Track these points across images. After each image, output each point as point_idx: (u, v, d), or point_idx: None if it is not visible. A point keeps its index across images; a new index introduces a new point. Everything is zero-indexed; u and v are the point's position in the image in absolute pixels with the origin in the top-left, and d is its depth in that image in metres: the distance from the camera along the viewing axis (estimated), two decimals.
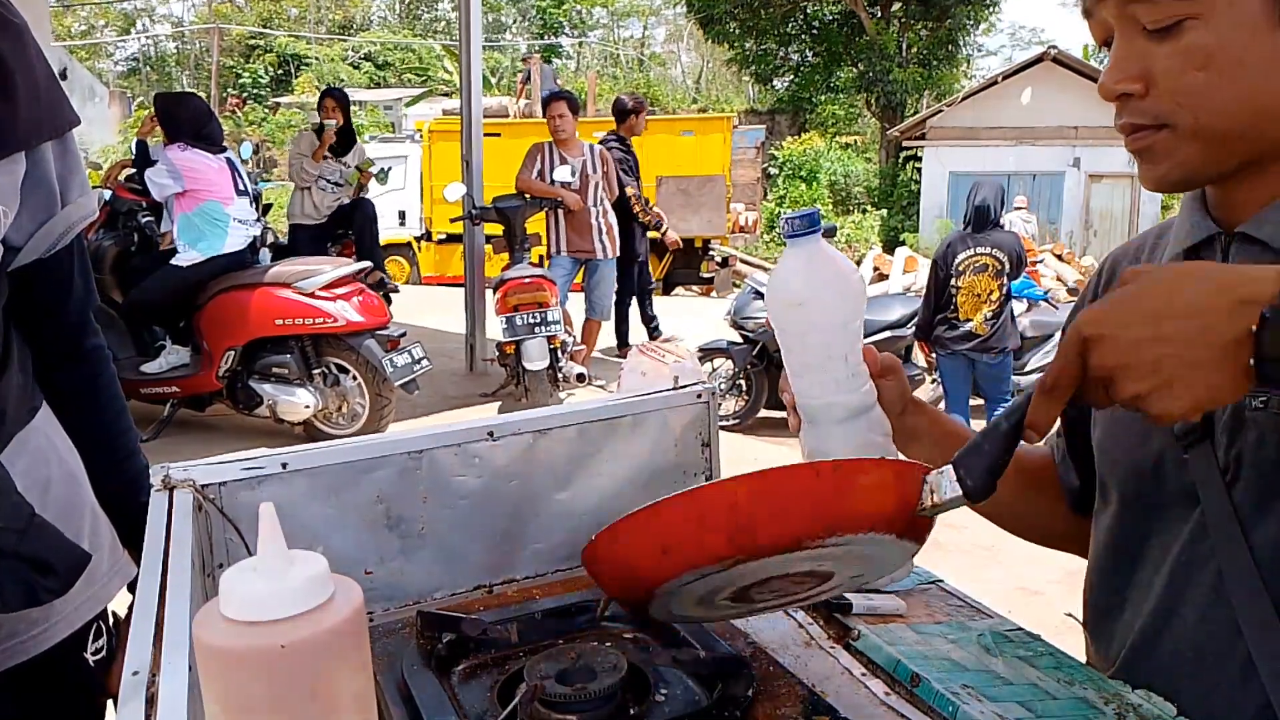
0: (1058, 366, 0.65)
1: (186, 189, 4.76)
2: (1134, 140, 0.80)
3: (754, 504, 0.63)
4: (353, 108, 6.95)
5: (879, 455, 0.85)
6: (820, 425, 0.88)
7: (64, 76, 17.86)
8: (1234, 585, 0.75)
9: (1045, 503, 1.04)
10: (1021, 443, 0.69)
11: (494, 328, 5.99)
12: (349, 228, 6.47)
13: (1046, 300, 6.79)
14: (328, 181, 6.39)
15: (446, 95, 20.54)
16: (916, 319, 5.20)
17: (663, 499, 0.66)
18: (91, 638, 1.06)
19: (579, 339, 6.17)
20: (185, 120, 4.86)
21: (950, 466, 0.68)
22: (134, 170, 5.29)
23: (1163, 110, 0.77)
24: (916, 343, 5.73)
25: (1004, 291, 4.66)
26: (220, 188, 4.85)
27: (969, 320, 4.69)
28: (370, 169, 6.60)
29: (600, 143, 6.56)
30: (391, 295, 5.53)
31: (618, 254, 6.46)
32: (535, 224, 6.01)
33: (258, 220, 5.26)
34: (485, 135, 6.94)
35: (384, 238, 12.74)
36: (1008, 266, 4.62)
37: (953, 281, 4.72)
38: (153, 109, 5.12)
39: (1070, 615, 0.98)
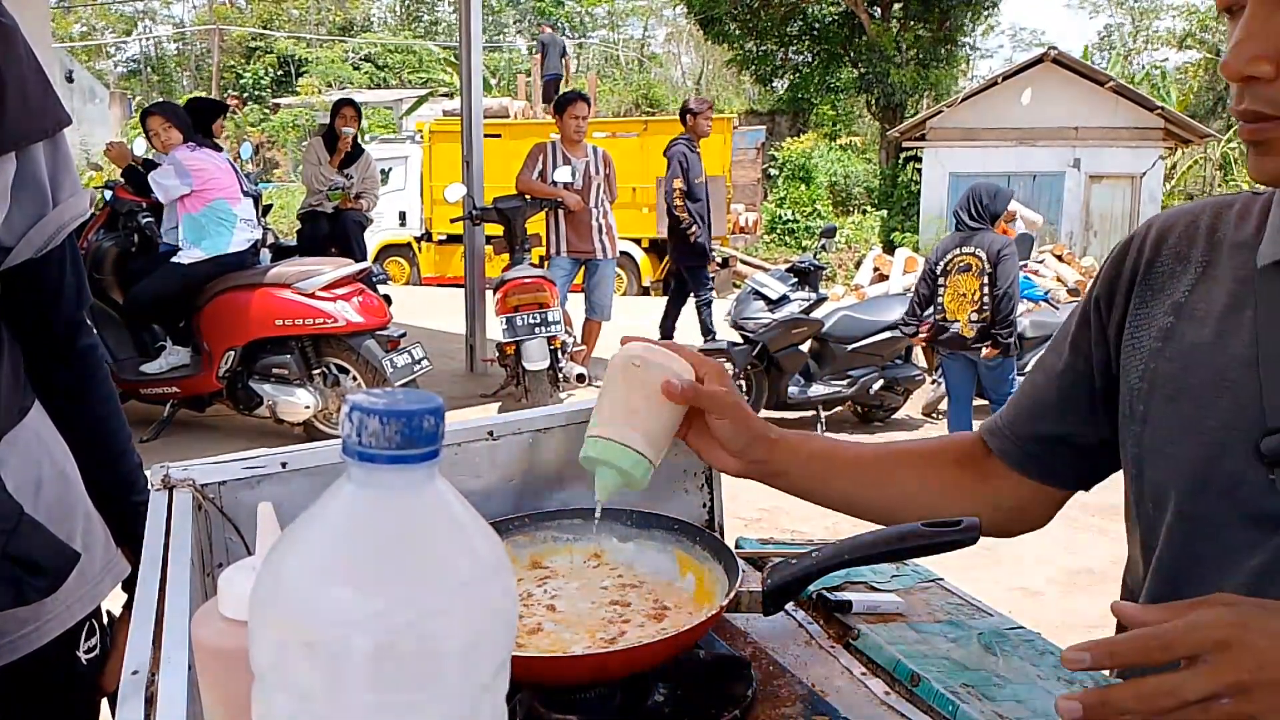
0: (1142, 649, 0.58)
1: (194, 189, 4.76)
2: (1251, 130, 0.70)
3: None
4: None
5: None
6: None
7: (70, 79, 17.85)
8: None
9: (966, 486, 0.97)
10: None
11: (494, 328, 6.00)
12: (335, 243, 6.45)
13: (1047, 300, 6.78)
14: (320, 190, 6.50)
15: (447, 96, 20.51)
16: (903, 312, 5.26)
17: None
18: (84, 636, 1.06)
19: (579, 339, 6.18)
20: (183, 122, 4.87)
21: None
22: (131, 173, 5.30)
23: None
24: (919, 345, 5.73)
25: (987, 291, 4.61)
26: (228, 187, 4.86)
27: (956, 320, 4.70)
28: (351, 194, 6.53)
29: (671, 142, 6.54)
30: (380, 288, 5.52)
31: (617, 254, 6.47)
32: (535, 224, 6.02)
33: (259, 222, 5.26)
34: (485, 136, 6.94)
35: (384, 238, 12.82)
36: (987, 265, 4.61)
37: (940, 280, 4.75)
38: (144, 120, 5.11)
39: None
